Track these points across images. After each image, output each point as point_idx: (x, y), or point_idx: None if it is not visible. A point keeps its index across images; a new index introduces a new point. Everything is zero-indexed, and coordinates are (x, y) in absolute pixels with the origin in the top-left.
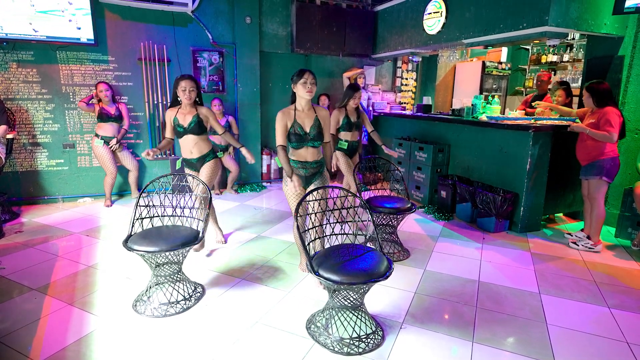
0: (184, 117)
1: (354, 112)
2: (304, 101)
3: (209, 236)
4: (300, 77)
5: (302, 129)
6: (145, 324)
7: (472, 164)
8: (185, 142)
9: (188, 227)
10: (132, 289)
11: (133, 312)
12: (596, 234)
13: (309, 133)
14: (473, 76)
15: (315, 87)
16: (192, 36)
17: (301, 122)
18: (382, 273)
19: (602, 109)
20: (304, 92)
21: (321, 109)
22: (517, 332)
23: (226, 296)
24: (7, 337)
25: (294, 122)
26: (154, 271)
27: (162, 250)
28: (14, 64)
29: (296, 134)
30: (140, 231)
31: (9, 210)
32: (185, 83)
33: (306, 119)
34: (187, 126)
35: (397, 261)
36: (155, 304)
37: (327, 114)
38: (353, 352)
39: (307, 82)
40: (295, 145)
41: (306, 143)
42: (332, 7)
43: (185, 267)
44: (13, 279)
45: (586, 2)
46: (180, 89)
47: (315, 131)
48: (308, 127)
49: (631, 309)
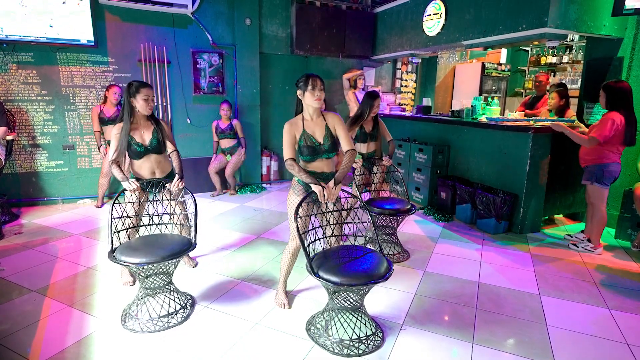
0: (140, 133)
1: (370, 122)
2: (312, 109)
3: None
4: (307, 85)
5: (314, 140)
6: (145, 325)
7: (471, 165)
8: (147, 163)
9: (177, 235)
10: (132, 290)
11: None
12: (597, 238)
13: (323, 144)
14: (473, 77)
15: (324, 94)
16: (192, 38)
17: (311, 133)
18: (382, 274)
19: (608, 113)
20: (312, 100)
21: (331, 115)
22: (517, 333)
23: (226, 297)
24: (7, 339)
25: (303, 133)
26: (143, 283)
27: (154, 261)
28: (14, 65)
29: (308, 146)
30: (127, 241)
31: (8, 211)
32: (149, 92)
33: (316, 128)
34: (149, 144)
35: (397, 262)
36: (146, 316)
37: (339, 119)
38: (353, 354)
39: (316, 90)
40: (308, 158)
41: (321, 155)
42: (331, 8)
43: (190, 270)
44: (12, 281)
45: (585, 3)
46: (141, 97)
47: (329, 141)
48: (321, 137)
49: (631, 310)
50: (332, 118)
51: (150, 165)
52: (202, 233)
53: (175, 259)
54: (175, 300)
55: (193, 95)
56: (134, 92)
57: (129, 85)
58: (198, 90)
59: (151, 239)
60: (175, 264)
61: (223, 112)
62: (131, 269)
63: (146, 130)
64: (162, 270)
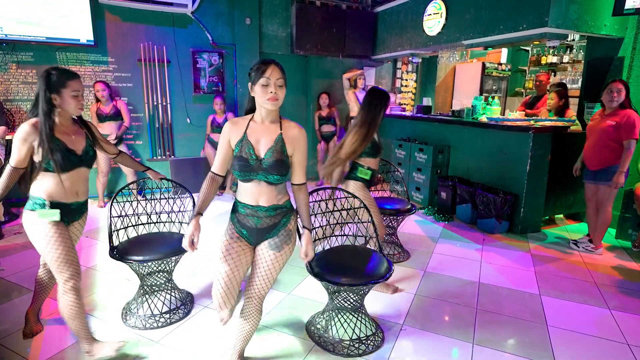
0: (70, 138)
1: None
2: (265, 112)
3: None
4: (258, 75)
5: (252, 152)
6: (145, 325)
7: (472, 165)
8: (73, 178)
9: (176, 233)
10: (132, 290)
11: (131, 315)
12: (599, 238)
13: (263, 159)
14: (473, 77)
15: (283, 93)
16: (191, 37)
17: (253, 141)
18: (382, 274)
19: (624, 110)
20: (263, 98)
21: (294, 127)
22: (517, 333)
23: None
24: (6, 339)
25: (242, 139)
26: (142, 280)
27: (156, 258)
28: (13, 65)
29: (242, 159)
30: (127, 239)
31: (8, 211)
32: (79, 85)
33: (263, 136)
34: (83, 153)
35: (397, 262)
36: (148, 313)
37: (304, 138)
38: (353, 354)
39: (271, 85)
40: (240, 176)
41: (256, 175)
42: (332, 8)
43: (185, 270)
44: (12, 281)
45: (586, 3)
46: (68, 93)
47: (273, 158)
48: (263, 150)
49: (632, 311)
50: (293, 131)
51: (76, 183)
52: (202, 233)
53: (175, 257)
54: (176, 297)
55: (193, 94)
56: (57, 86)
57: (47, 75)
58: (198, 90)
59: (151, 237)
60: (175, 262)
61: (217, 106)
62: (132, 267)
63: (76, 135)
64: (162, 268)
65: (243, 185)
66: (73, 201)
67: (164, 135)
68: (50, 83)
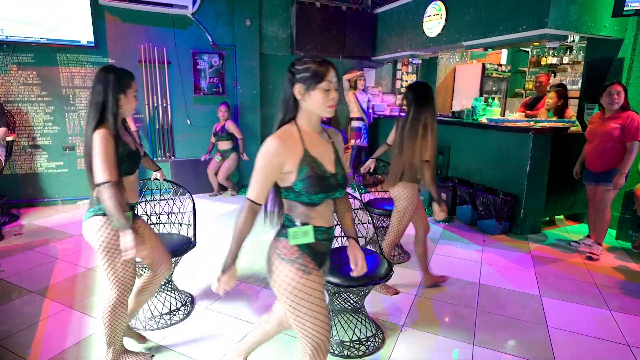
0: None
1: None
2: (317, 119)
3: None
4: (319, 78)
5: (322, 168)
6: (145, 326)
7: (472, 166)
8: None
9: (177, 234)
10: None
11: None
12: (599, 239)
13: (336, 174)
14: (473, 78)
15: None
16: (192, 38)
17: (318, 156)
18: (383, 275)
19: (626, 112)
20: (325, 105)
21: (334, 132)
22: (517, 334)
23: (227, 298)
24: (6, 340)
25: (305, 157)
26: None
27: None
28: (14, 66)
29: (318, 177)
30: None
31: (8, 212)
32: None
33: (322, 149)
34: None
35: (397, 264)
36: (148, 314)
37: (341, 138)
38: (353, 355)
39: (332, 89)
40: (316, 199)
41: (333, 193)
42: (332, 9)
43: (185, 272)
44: (12, 282)
45: (585, 4)
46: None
47: (342, 171)
48: (329, 164)
49: (632, 312)
50: (338, 137)
51: (135, 181)
52: (203, 234)
53: (176, 257)
54: (176, 298)
55: (193, 96)
56: (124, 86)
57: (117, 75)
58: (198, 91)
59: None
60: (175, 263)
61: (220, 113)
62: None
63: (125, 136)
64: None
65: (314, 208)
66: (135, 202)
67: (164, 136)
68: (119, 83)
